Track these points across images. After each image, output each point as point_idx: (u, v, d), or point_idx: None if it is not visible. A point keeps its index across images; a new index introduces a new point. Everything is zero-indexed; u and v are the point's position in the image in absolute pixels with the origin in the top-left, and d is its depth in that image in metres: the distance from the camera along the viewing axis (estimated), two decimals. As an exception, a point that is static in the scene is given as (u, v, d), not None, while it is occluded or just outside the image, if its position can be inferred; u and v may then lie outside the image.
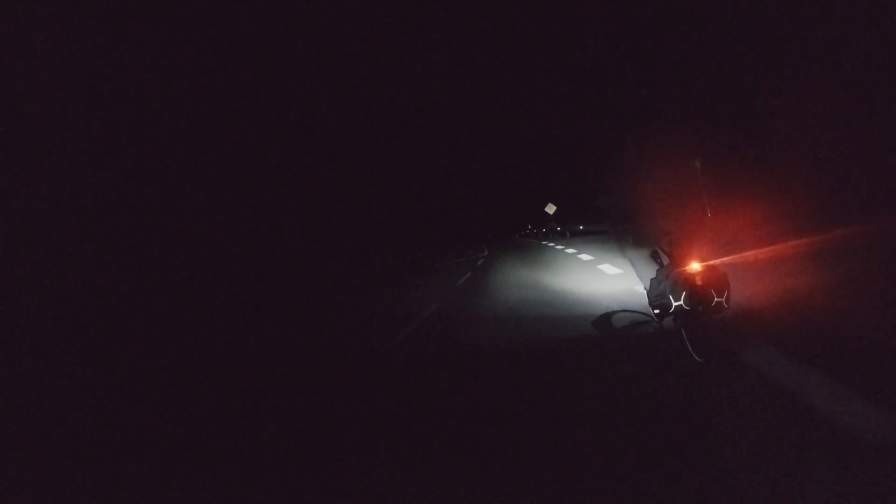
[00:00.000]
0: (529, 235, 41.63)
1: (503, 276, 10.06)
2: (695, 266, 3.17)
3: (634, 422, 2.52)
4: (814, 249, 5.75)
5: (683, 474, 1.98)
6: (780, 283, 4.76)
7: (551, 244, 19.35)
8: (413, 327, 5.92)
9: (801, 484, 1.79)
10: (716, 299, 3.08)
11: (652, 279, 3.56)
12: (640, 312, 4.73)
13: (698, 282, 3.14)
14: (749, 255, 6.31)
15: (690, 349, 3.35)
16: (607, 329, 4.56)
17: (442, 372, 3.97)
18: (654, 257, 3.85)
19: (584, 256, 11.00)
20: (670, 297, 3.26)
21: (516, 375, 3.59)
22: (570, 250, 13.98)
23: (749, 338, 3.46)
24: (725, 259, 6.34)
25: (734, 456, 2.05)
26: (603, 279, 7.31)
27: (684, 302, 3.20)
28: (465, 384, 3.58)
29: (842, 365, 2.69)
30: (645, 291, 4.54)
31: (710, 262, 3.21)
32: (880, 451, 1.89)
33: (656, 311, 3.57)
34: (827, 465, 1.87)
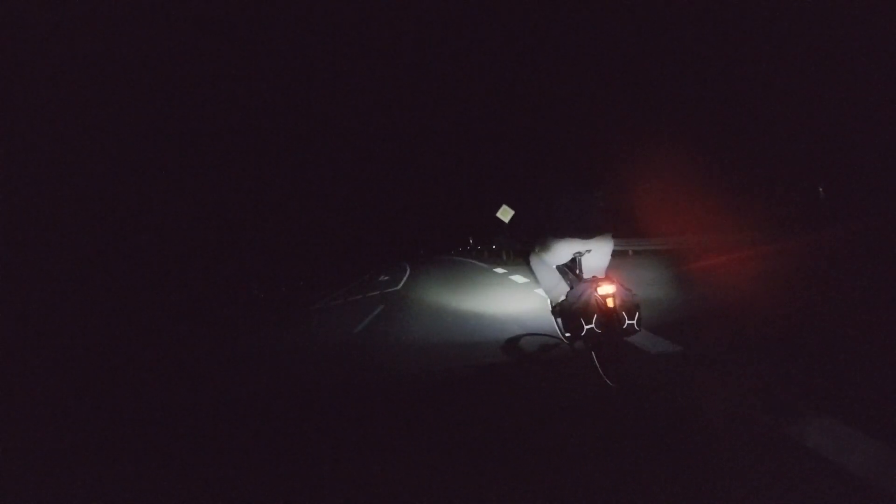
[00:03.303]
0: (471, 254, 30.13)
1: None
2: (607, 287, 3.01)
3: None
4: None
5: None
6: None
7: (513, 275, 12.09)
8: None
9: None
10: (627, 322, 2.93)
11: (563, 300, 3.37)
12: (547, 335, 4.59)
13: (610, 304, 2.98)
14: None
15: (602, 373, 3.19)
16: (520, 355, 4.33)
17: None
18: (566, 274, 3.69)
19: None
20: (581, 321, 3.07)
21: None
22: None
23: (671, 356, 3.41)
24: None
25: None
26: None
27: (595, 325, 3.03)
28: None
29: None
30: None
31: (623, 283, 3.08)
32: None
33: (567, 335, 3.38)
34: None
